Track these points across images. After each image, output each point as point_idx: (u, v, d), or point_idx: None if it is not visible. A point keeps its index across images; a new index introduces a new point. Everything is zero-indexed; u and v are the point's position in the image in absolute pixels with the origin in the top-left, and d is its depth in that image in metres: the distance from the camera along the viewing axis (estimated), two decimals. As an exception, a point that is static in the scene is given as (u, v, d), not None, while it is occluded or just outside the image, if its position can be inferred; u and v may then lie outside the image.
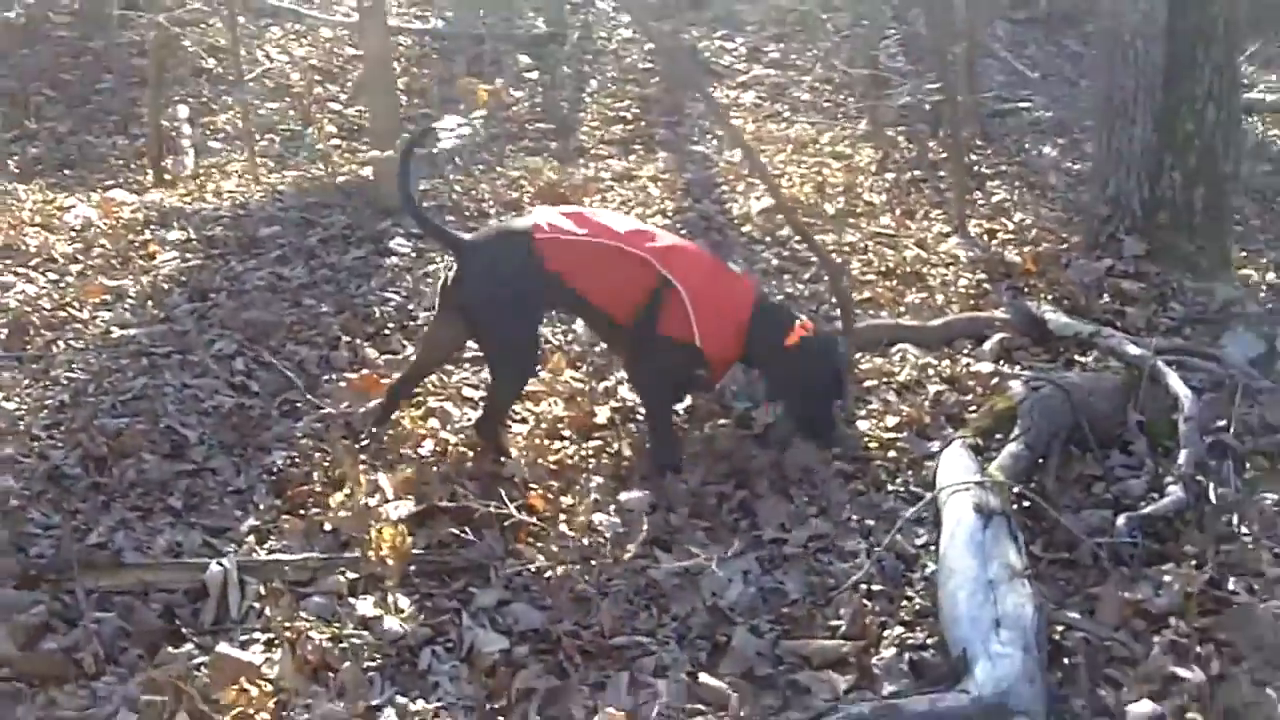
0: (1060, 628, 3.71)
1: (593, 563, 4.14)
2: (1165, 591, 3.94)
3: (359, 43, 10.01)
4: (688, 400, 5.12)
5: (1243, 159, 7.69)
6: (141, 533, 4.29)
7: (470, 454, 4.78)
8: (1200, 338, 5.82)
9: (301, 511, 4.47)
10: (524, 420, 5.14)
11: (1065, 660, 3.61)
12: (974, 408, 5.14)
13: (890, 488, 4.66)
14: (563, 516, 4.40)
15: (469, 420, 5.05)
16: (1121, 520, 4.25)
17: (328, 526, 4.32)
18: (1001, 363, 5.57)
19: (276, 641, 3.68)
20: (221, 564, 3.91)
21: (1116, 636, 3.72)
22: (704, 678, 3.56)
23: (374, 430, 4.95)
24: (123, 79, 10.93)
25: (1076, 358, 5.58)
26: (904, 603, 3.95)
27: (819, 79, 11.54)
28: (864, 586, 4.01)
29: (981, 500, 3.99)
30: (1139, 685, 3.52)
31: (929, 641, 3.72)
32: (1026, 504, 4.31)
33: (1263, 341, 5.73)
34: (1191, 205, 6.49)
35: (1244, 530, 4.32)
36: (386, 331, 6.09)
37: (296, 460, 4.85)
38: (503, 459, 4.73)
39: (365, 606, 3.86)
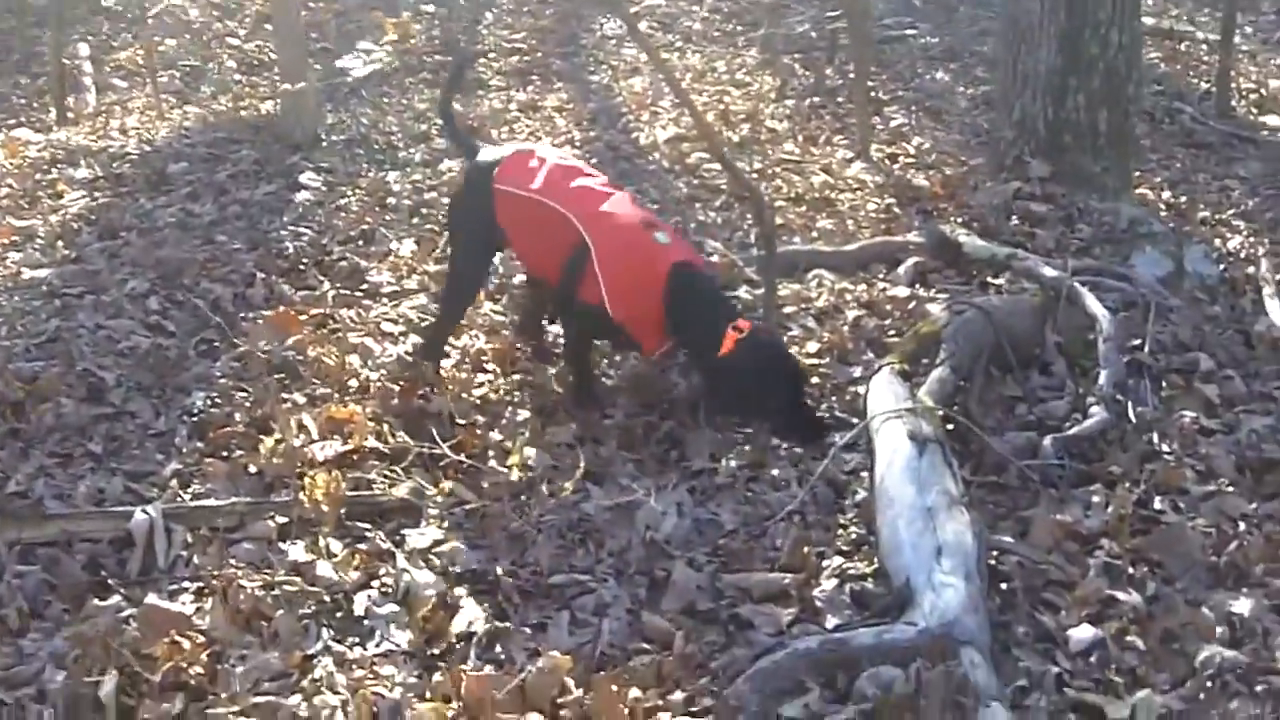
0: (996, 553, 3.72)
1: (525, 498, 4.08)
2: (1095, 512, 4.00)
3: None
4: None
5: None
6: (62, 480, 4.17)
7: (395, 390, 4.69)
8: (1109, 258, 5.86)
9: (225, 454, 4.37)
10: (446, 355, 5.06)
11: (1002, 585, 3.62)
12: (893, 332, 5.15)
13: (817, 414, 4.63)
14: (491, 453, 4.34)
15: (390, 356, 4.98)
16: (1048, 442, 4.29)
17: (253, 469, 4.24)
18: (917, 286, 5.57)
19: (207, 591, 3.59)
20: (147, 512, 3.79)
21: (1051, 560, 3.75)
22: (646, 615, 3.53)
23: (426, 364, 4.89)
24: (23, 18, 10.65)
25: (990, 280, 5.60)
26: (840, 531, 3.95)
27: (710, 8, 11.43)
28: (798, 516, 4.00)
29: (915, 428, 3.99)
30: (1077, 608, 3.55)
31: (869, 571, 3.71)
32: (952, 428, 4.31)
33: (1170, 260, 5.80)
34: (1096, 127, 6.51)
35: (1165, 449, 4.37)
36: (301, 267, 5.99)
37: (217, 401, 4.74)
38: (431, 391, 4.66)
39: (296, 552, 3.77)
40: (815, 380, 4.80)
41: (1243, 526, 3.94)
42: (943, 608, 3.29)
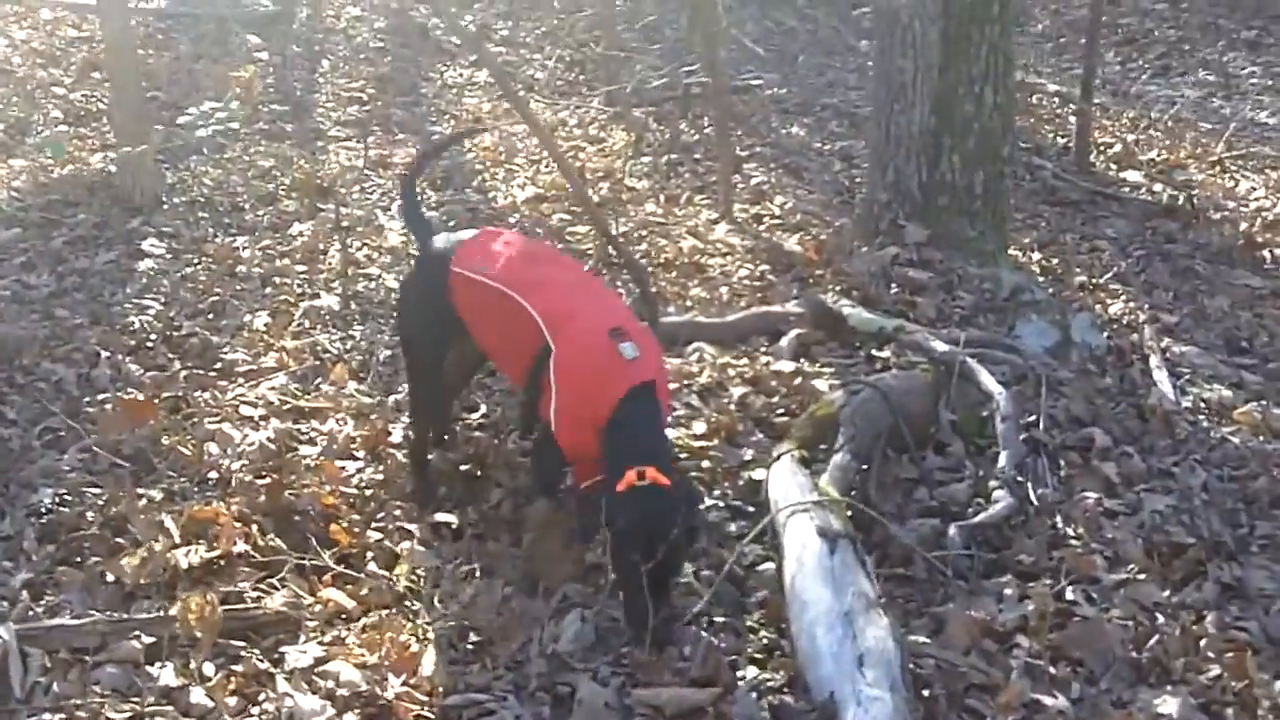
0: (914, 656, 3.52)
1: (409, 605, 3.80)
2: (1009, 605, 3.87)
3: (100, 26, 9.30)
4: None
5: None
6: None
7: (260, 485, 4.37)
8: (994, 327, 5.76)
9: (79, 560, 4.03)
10: (311, 441, 4.75)
11: (924, 692, 3.43)
12: (781, 410, 4.95)
13: (709, 500, 4.40)
14: (371, 554, 4.05)
15: (251, 444, 4.67)
16: (953, 531, 4.15)
17: (110, 577, 3.89)
18: (802, 361, 5.38)
19: (70, 723, 3.25)
20: (-1, 635, 3.44)
21: (970, 661, 3.58)
22: (553, 741, 3.27)
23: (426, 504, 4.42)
24: None
25: (875, 353, 5.43)
26: (750, 636, 3.71)
27: (551, 57, 11.23)
28: (704, 618, 3.76)
29: (824, 524, 3.78)
30: (1002, 715, 3.38)
31: (784, 682, 3.48)
32: (853, 514, 4.11)
33: (1056, 329, 5.70)
34: (972, 189, 6.43)
35: (1071, 533, 4.25)
36: (149, 344, 5.64)
37: (67, 499, 4.39)
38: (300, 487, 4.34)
39: (166, 675, 3.43)
40: (705, 464, 4.58)
41: (1160, 619, 3.82)
42: (872, 724, 3.09)
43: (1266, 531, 4.37)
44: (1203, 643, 3.71)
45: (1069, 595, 3.90)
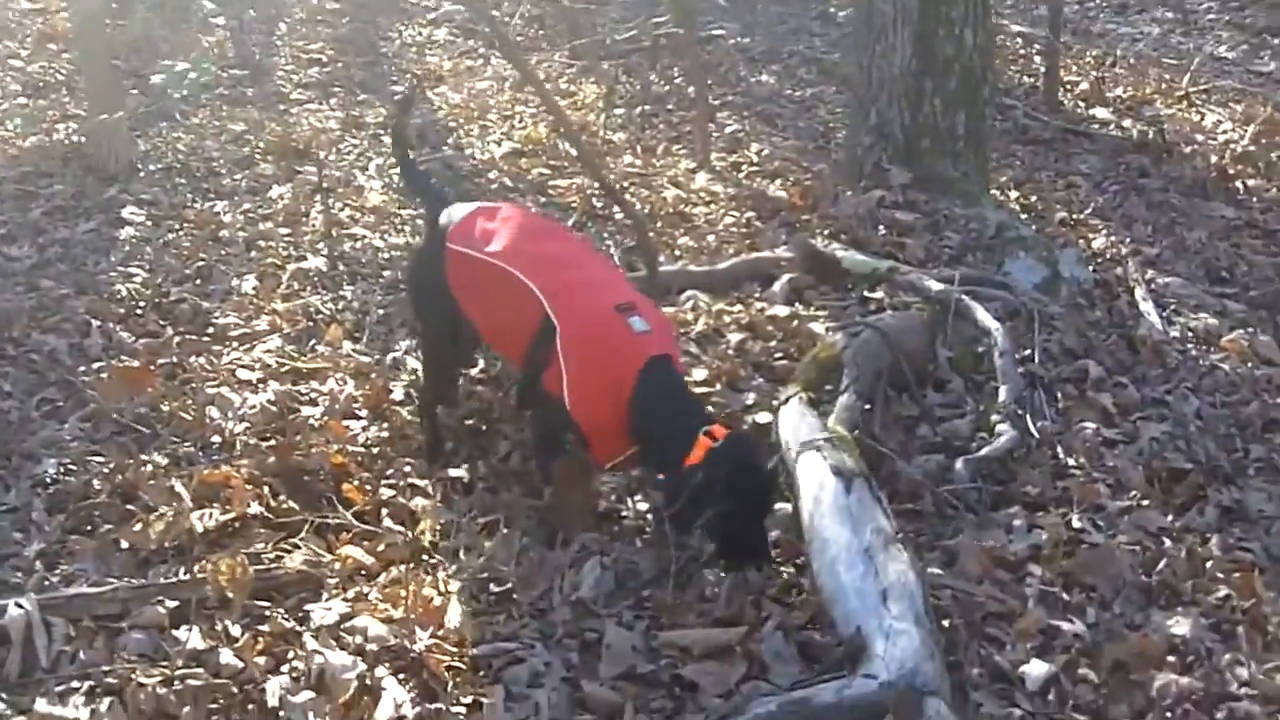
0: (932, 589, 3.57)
1: (429, 559, 3.82)
2: (1018, 536, 3.91)
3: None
4: None
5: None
6: (-89, 571, 3.78)
7: (267, 448, 4.38)
8: (983, 265, 5.81)
9: (90, 529, 4.02)
10: (313, 402, 4.76)
11: (944, 623, 3.47)
12: (780, 355, 4.99)
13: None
14: (386, 511, 4.06)
15: (252, 407, 4.67)
16: (960, 465, 4.19)
17: (124, 545, 3.88)
18: (796, 305, 5.41)
19: (99, 691, 3.24)
20: (21, 605, 3.42)
21: (986, 590, 3.63)
22: (586, 685, 3.28)
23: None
24: None
25: (867, 294, 5.48)
26: (770, 576, 3.75)
27: (507, 13, 11.18)
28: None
29: (839, 462, 3.81)
30: (1022, 641, 3.44)
31: (809, 620, 3.52)
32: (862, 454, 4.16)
33: (1044, 265, 5.75)
34: (954, 130, 6.47)
35: (1073, 463, 4.31)
36: (138, 312, 5.60)
37: (71, 468, 4.36)
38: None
39: (194, 639, 3.42)
40: (709, 409, 4.61)
41: (1166, 543, 3.90)
42: (900, 656, 3.12)
43: (1261, 455, 4.46)
44: (1209, 564, 3.78)
45: (1076, 523, 3.95)
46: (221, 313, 5.63)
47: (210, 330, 5.47)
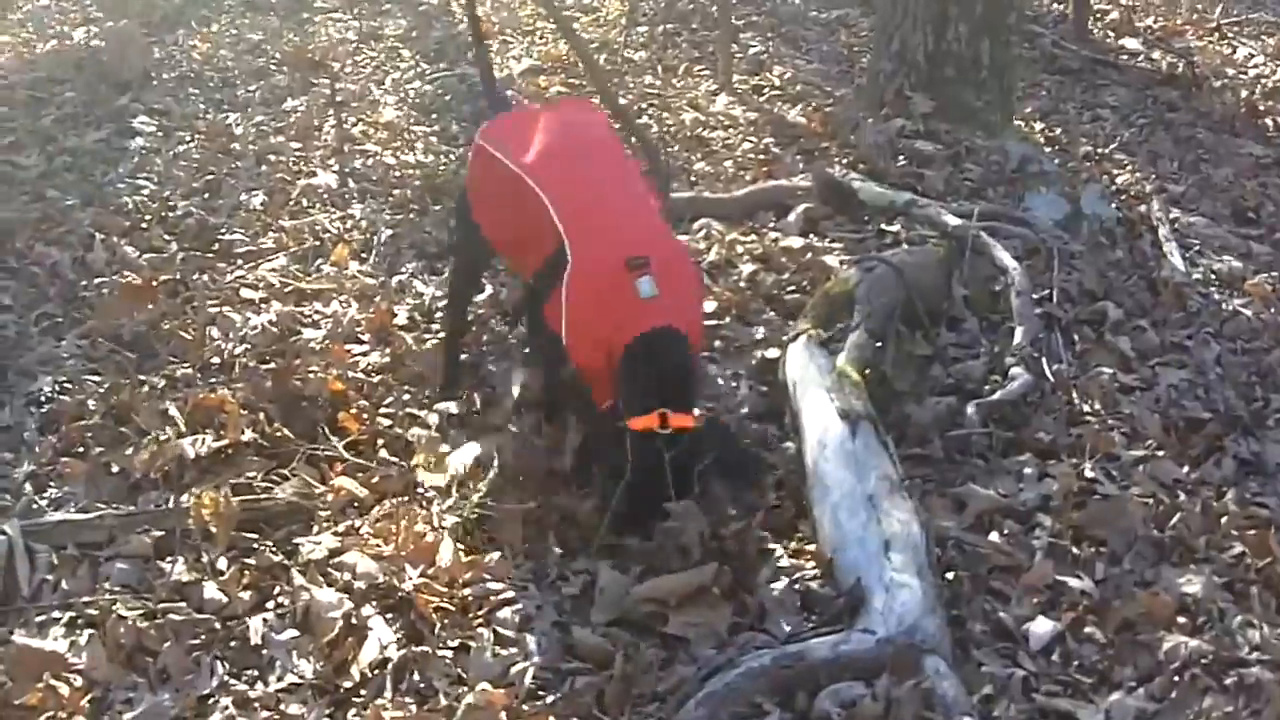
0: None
1: (422, 493, 3.73)
2: (1028, 485, 3.81)
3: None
4: None
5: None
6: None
7: (265, 371, 4.30)
8: (1002, 199, 5.68)
9: (81, 451, 3.94)
10: (315, 325, 4.68)
11: (947, 575, 3.39)
12: (792, 288, 4.88)
13: (720, 380, 4.34)
14: (382, 441, 3.98)
15: (254, 328, 4.59)
16: (971, 409, 4.08)
17: (115, 468, 3.81)
18: (811, 236, 5.30)
19: (80, 622, 3.19)
20: (4, 531, 3.35)
21: (992, 542, 3.54)
22: (577, 631, 3.20)
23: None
24: None
25: (884, 227, 5.35)
26: (772, 513, 3.65)
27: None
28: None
29: (846, 406, 3.72)
30: (1028, 597, 3.35)
31: (812, 567, 3.43)
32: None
33: (1066, 201, 5.61)
34: (979, 59, 6.29)
35: (1087, 410, 4.20)
36: (143, 225, 5.50)
37: (67, 387, 4.29)
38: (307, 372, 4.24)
39: (178, 570, 3.36)
40: (717, 343, 4.52)
41: (1181, 496, 3.78)
42: (900, 611, 3.05)
43: (1281, 405, 4.35)
44: (1224, 520, 3.66)
45: (1089, 473, 3.85)
46: (228, 228, 5.53)
47: (216, 246, 5.38)
